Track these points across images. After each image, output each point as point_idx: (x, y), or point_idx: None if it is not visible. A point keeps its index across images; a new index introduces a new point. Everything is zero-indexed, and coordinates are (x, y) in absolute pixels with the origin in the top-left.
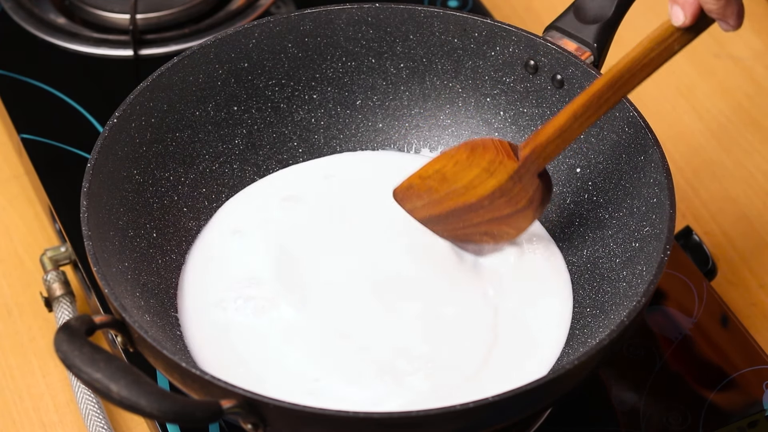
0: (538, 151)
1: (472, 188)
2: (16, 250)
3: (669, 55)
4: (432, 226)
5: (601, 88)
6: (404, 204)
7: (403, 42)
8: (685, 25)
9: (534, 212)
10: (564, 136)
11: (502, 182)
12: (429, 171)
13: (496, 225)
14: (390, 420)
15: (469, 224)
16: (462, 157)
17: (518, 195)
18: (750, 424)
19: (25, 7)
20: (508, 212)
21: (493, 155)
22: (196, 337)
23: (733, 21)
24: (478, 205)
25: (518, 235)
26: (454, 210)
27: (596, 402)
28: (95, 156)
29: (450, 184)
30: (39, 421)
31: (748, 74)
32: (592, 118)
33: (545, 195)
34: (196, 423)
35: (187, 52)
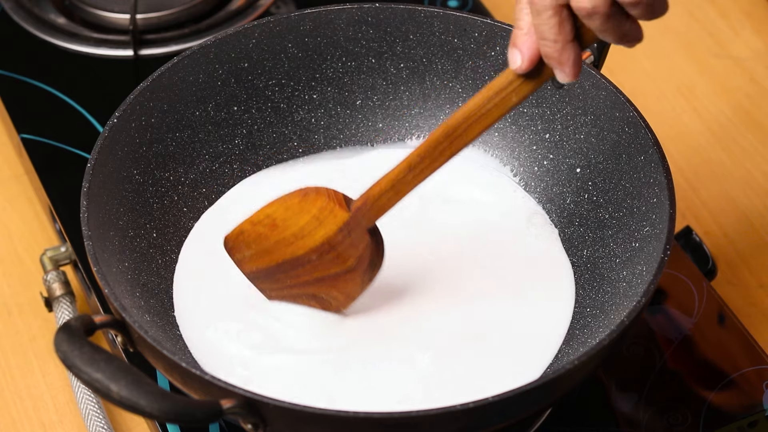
0: (369, 203)
1: (301, 237)
2: (16, 250)
3: (507, 107)
4: (259, 282)
5: (437, 138)
6: (233, 254)
7: (403, 42)
8: (521, 69)
9: (363, 274)
10: (397, 187)
11: (331, 234)
12: (260, 216)
13: (325, 287)
14: (390, 420)
15: (297, 282)
16: (294, 202)
17: (347, 251)
18: (750, 424)
19: (25, 7)
20: (336, 271)
21: (324, 202)
22: (195, 335)
23: (569, 68)
24: (305, 258)
25: (347, 303)
26: (282, 263)
27: (596, 402)
28: (95, 156)
29: (279, 231)
30: (39, 421)
31: (748, 74)
32: (428, 169)
33: (375, 255)
34: (196, 423)
35: (187, 52)
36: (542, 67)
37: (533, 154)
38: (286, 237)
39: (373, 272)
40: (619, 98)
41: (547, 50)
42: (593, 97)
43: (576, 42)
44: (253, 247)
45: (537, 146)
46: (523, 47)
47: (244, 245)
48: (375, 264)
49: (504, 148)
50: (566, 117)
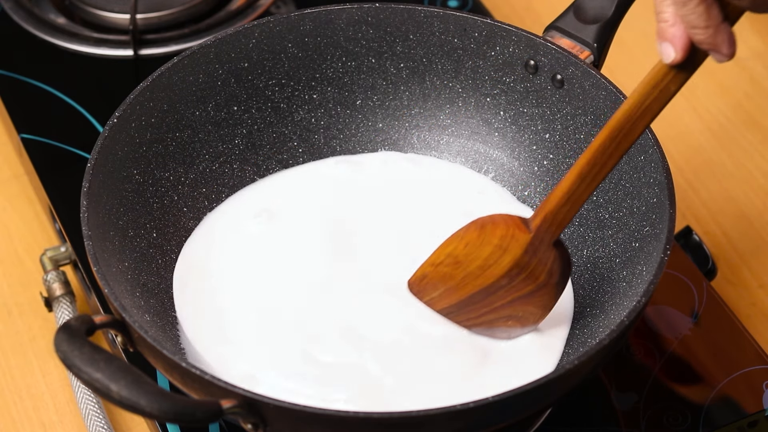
0: (549, 219)
1: (488, 268)
2: (16, 250)
3: (667, 98)
4: (454, 317)
5: (603, 142)
6: (421, 296)
7: (403, 42)
8: (676, 61)
9: (555, 286)
10: (573, 199)
11: (517, 257)
12: (440, 257)
13: (520, 306)
14: (390, 420)
15: (492, 308)
16: (472, 237)
17: (536, 269)
18: (750, 424)
19: (25, 7)
20: (529, 290)
21: (504, 230)
22: (195, 334)
23: (726, 49)
24: (496, 285)
25: (544, 315)
26: (473, 295)
27: (596, 402)
28: (95, 156)
29: (464, 267)
30: (39, 421)
31: (748, 74)
32: (598, 176)
33: (565, 266)
34: (196, 423)
35: (187, 52)
36: (695, 52)
37: (533, 154)
38: (472, 271)
39: (565, 281)
40: (619, 98)
41: (700, 38)
42: (593, 97)
43: (726, 23)
44: (441, 287)
45: (537, 146)
46: (673, 39)
47: (431, 287)
48: (565, 272)
49: (504, 148)
50: (566, 117)
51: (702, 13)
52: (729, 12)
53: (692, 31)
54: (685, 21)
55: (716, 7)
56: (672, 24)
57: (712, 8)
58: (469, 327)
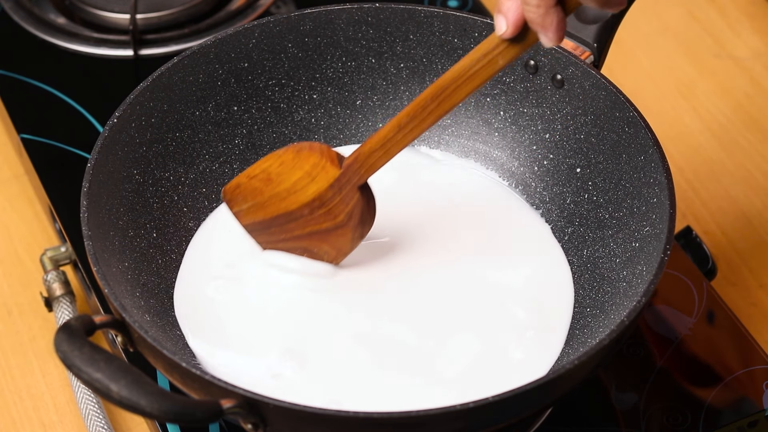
0: (360, 160)
1: (294, 193)
2: (16, 250)
3: (493, 70)
4: (256, 235)
5: (425, 98)
6: (231, 206)
7: (403, 42)
8: (506, 35)
9: (353, 230)
10: (387, 146)
11: (322, 189)
12: (256, 170)
13: (316, 241)
14: (390, 420)
15: (290, 236)
16: (288, 158)
17: (337, 207)
18: (750, 424)
19: (25, 7)
20: (327, 226)
21: (317, 159)
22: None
23: (552, 32)
24: (298, 213)
25: (339, 258)
26: (276, 217)
27: (596, 402)
28: (95, 156)
29: (274, 186)
30: (39, 421)
31: (748, 74)
32: (416, 129)
33: (365, 212)
34: (196, 423)
35: (187, 52)
36: (527, 32)
37: (533, 154)
38: (279, 192)
39: (364, 229)
40: (619, 98)
41: (531, 15)
42: (593, 97)
43: (559, 7)
44: (249, 201)
45: (537, 146)
46: (507, 13)
47: (241, 198)
48: (365, 221)
49: (504, 148)
50: (566, 117)
51: None
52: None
53: (525, 7)
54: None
55: None
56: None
57: None
58: (266, 248)
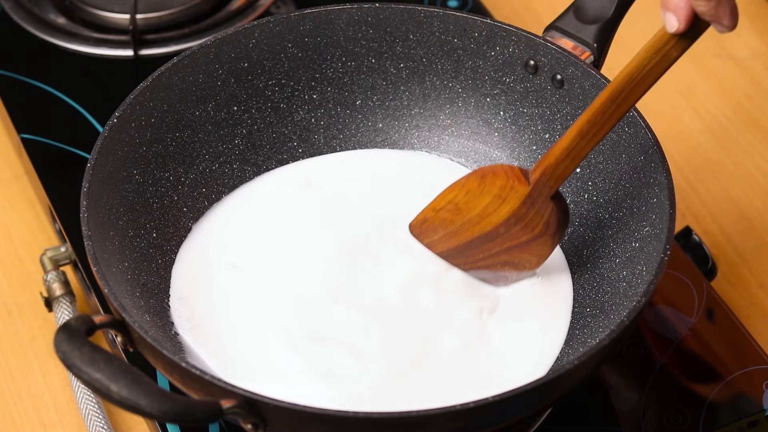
0: (548, 173)
1: (486, 216)
2: (16, 250)
3: (668, 63)
4: (452, 259)
5: (604, 102)
6: (421, 239)
7: (403, 42)
8: (679, 31)
9: (552, 237)
10: (572, 155)
11: (515, 208)
12: (442, 202)
13: (516, 253)
14: (390, 420)
15: (489, 254)
16: (473, 186)
17: (533, 220)
18: (750, 424)
19: (25, 7)
20: (526, 239)
21: (504, 181)
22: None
23: (727, 21)
24: (494, 233)
25: (540, 262)
26: (471, 241)
27: (596, 402)
28: (95, 156)
29: (464, 214)
30: (39, 421)
31: (748, 74)
32: (599, 134)
33: (561, 218)
34: (196, 423)
35: (187, 52)
36: (697, 22)
37: (533, 154)
38: (471, 218)
39: (563, 233)
40: None
41: (702, 9)
42: (593, 96)
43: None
44: (440, 231)
45: (537, 146)
46: (677, 10)
47: (431, 230)
48: (562, 225)
49: (504, 148)
50: (566, 117)
51: None
52: None
53: (695, 2)
54: None
55: None
56: None
57: None
58: (466, 269)
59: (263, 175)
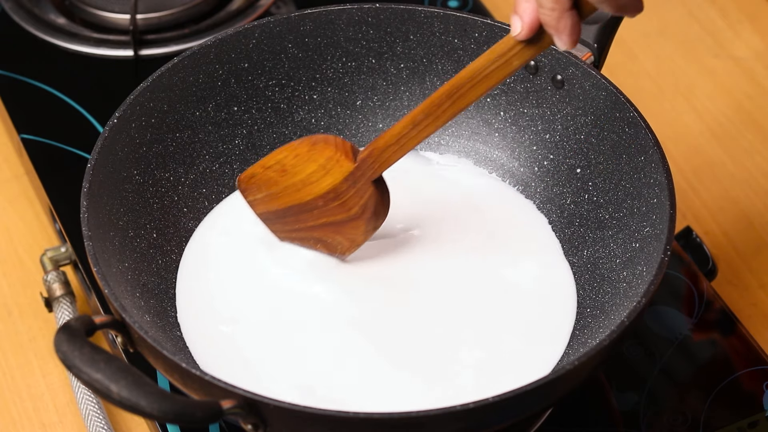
0: (375, 155)
1: (308, 184)
2: (16, 250)
3: (509, 71)
4: (270, 224)
5: (440, 96)
6: (246, 195)
7: (403, 42)
8: (521, 36)
9: (366, 222)
10: (401, 142)
11: (337, 182)
12: (271, 161)
13: (330, 232)
14: (390, 420)
15: (304, 226)
16: (303, 150)
17: (351, 200)
18: (750, 424)
19: (25, 7)
20: (341, 218)
21: (332, 152)
22: (196, 337)
23: (566, 36)
24: (312, 204)
25: (352, 248)
26: (290, 207)
27: (596, 402)
28: (95, 156)
29: (288, 177)
30: (39, 421)
31: (748, 74)
32: (430, 126)
33: (379, 205)
34: (196, 423)
35: (187, 53)
36: (542, 34)
37: (533, 155)
38: (294, 183)
39: (378, 221)
40: (619, 98)
41: (545, 18)
42: (593, 97)
43: (574, 10)
44: (264, 191)
45: (537, 146)
46: (523, 14)
47: (256, 188)
48: (379, 214)
49: (504, 149)
50: (566, 117)
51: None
52: (581, 3)
53: (540, 10)
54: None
55: None
56: (526, 0)
57: None
58: (281, 237)
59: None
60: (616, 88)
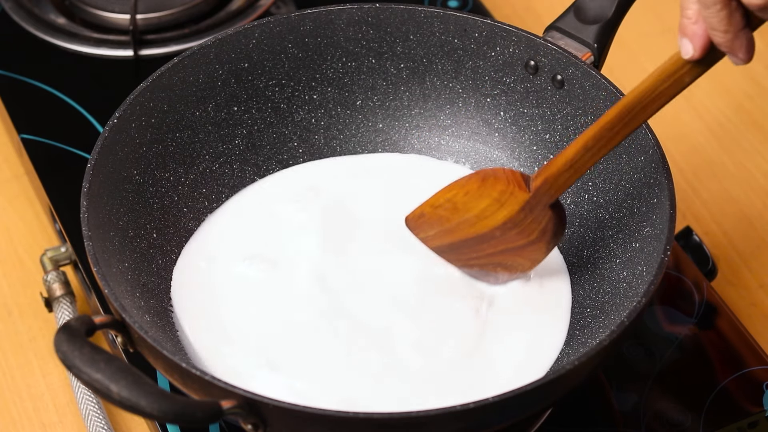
0: (549, 182)
1: (483, 219)
2: (16, 250)
3: (680, 88)
4: (445, 255)
5: (611, 119)
6: (417, 232)
7: (403, 42)
8: (694, 58)
9: (547, 244)
10: (575, 167)
11: (513, 213)
12: (440, 200)
13: (510, 256)
14: (390, 420)
15: (482, 254)
16: (473, 187)
17: (530, 226)
18: (750, 424)
19: (25, 7)
20: (521, 244)
21: (504, 186)
22: (194, 335)
23: (742, 54)
24: (489, 235)
25: (533, 266)
26: (466, 240)
27: (596, 402)
28: (95, 156)
29: (461, 213)
30: (39, 421)
31: (748, 74)
32: (603, 150)
33: (558, 227)
34: (196, 423)
35: (187, 53)
36: (713, 50)
37: (533, 155)
38: (467, 219)
39: (557, 239)
40: (619, 98)
41: (719, 40)
42: (593, 97)
43: (747, 29)
44: (436, 228)
45: (537, 146)
46: (693, 37)
47: (427, 226)
48: (558, 233)
49: (504, 149)
50: (566, 117)
51: (724, 17)
52: (752, 20)
53: (712, 32)
54: (707, 22)
55: (739, 13)
56: (694, 22)
57: (735, 14)
58: (458, 266)
59: (267, 177)
60: (616, 88)
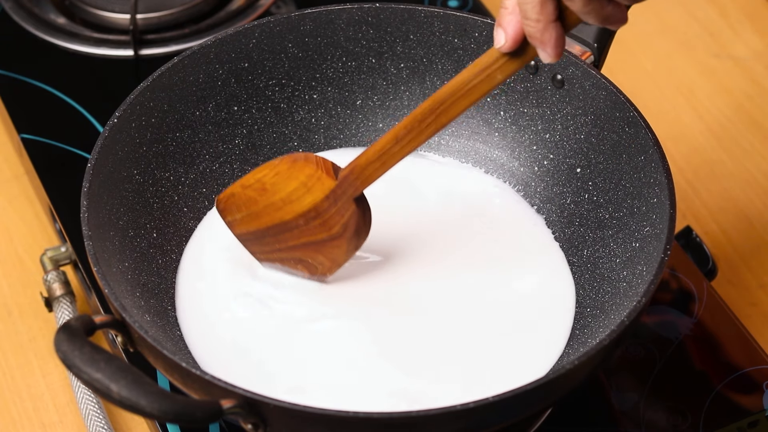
0: (356, 173)
1: (289, 203)
2: (16, 250)
3: (492, 85)
4: (249, 245)
5: (422, 111)
6: (224, 215)
7: (403, 42)
8: (505, 49)
9: (348, 242)
10: (384, 158)
11: (318, 200)
12: (251, 180)
13: (311, 252)
14: (390, 420)
15: (285, 246)
16: (283, 168)
17: (333, 218)
18: (750, 424)
19: (25, 7)
20: (322, 237)
21: (313, 170)
22: (196, 336)
23: (551, 48)
24: (293, 223)
25: (333, 268)
26: (270, 227)
27: (596, 402)
28: (95, 156)
29: (269, 195)
30: (39, 421)
31: (748, 74)
32: (413, 142)
33: (360, 224)
34: (196, 423)
35: (187, 52)
36: (526, 46)
37: (533, 154)
38: (274, 202)
39: (359, 240)
40: (619, 98)
41: (530, 30)
42: (593, 97)
43: (558, 23)
44: (243, 210)
45: (537, 146)
46: (507, 26)
47: (235, 208)
48: (361, 232)
49: (504, 148)
50: (566, 117)
51: (536, 5)
52: (566, 15)
53: (524, 21)
54: (521, 9)
55: (551, 4)
56: (510, 12)
57: (547, 4)
58: (261, 260)
59: None
60: (616, 88)
